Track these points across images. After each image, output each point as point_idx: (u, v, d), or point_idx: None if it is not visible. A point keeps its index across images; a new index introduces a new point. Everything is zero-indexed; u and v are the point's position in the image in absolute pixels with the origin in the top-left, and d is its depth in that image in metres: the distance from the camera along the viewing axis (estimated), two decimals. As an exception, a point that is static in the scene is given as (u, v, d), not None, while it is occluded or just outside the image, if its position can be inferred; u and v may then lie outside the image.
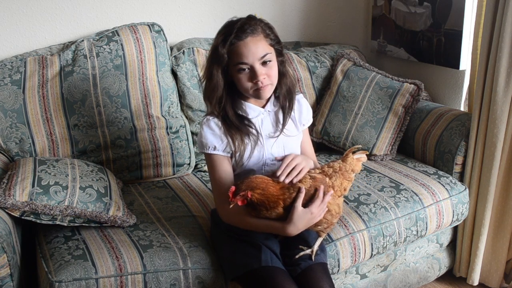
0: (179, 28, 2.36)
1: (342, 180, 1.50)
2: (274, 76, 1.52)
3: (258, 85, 1.49)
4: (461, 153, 2.04)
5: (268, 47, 1.50)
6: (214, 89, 1.51)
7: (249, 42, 1.46)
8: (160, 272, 1.50)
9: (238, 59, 1.47)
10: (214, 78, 1.50)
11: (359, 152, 1.60)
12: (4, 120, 1.90)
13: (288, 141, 1.62)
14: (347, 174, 1.52)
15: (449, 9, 2.25)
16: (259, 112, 1.59)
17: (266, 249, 1.48)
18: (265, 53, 1.47)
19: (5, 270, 1.41)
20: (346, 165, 1.53)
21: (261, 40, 1.48)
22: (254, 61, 1.46)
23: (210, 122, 1.55)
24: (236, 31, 1.45)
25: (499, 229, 2.05)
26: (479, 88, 1.98)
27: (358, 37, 2.80)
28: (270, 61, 1.49)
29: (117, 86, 2.03)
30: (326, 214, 1.47)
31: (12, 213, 1.53)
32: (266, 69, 1.49)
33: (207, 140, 1.54)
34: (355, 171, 1.56)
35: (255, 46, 1.46)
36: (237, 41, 1.45)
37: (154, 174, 2.08)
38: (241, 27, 1.46)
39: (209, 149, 1.54)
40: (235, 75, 1.50)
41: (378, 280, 1.94)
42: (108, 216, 1.62)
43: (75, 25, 2.16)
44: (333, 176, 1.49)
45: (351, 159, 1.55)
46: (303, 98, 1.71)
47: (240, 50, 1.46)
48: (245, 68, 1.48)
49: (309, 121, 1.71)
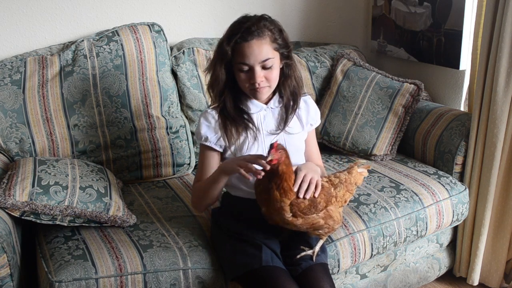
0: (179, 28, 2.36)
1: (345, 191, 1.53)
2: (273, 79, 1.55)
3: (255, 86, 1.52)
4: (461, 153, 2.04)
5: (272, 51, 1.51)
6: (215, 82, 1.56)
7: (253, 44, 1.48)
8: (160, 272, 1.50)
9: (240, 59, 1.50)
10: (216, 71, 1.55)
11: (363, 166, 1.64)
12: (4, 120, 1.90)
13: (291, 139, 1.63)
14: (350, 186, 1.55)
15: (449, 9, 2.25)
16: (260, 108, 1.61)
17: (266, 249, 1.48)
18: (267, 58, 1.50)
19: (5, 270, 1.40)
20: (351, 177, 1.56)
21: (266, 44, 1.50)
22: (254, 63, 1.50)
23: (207, 114, 1.61)
24: (242, 31, 1.48)
25: (499, 229, 2.05)
26: (479, 88, 1.98)
27: (358, 37, 2.80)
28: (271, 65, 1.51)
29: (117, 86, 2.03)
30: (328, 220, 1.48)
31: (12, 213, 1.52)
32: (266, 72, 1.52)
33: (200, 131, 1.61)
34: (357, 184, 1.59)
35: (259, 49, 1.49)
36: (242, 41, 1.49)
37: (154, 174, 2.08)
38: (249, 28, 1.48)
39: (201, 139, 1.61)
40: (236, 72, 1.54)
41: (378, 280, 1.94)
42: (108, 216, 1.62)
43: (75, 25, 2.16)
44: (338, 186, 1.52)
45: (356, 172, 1.59)
46: (310, 99, 1.72)
47: (243, 50, 1.49)
48: (245, 68, 1.51)
49: (317, 121, 1.73)
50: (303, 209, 1.42)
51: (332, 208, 1.49)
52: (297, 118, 1.66)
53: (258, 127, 1.60)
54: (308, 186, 1.44)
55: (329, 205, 1.47)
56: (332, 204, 1.49)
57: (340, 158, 2.22)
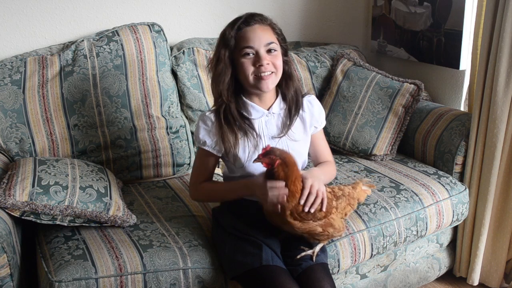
0: (179, 28, 2.36)
1: (346, 204, 1.54)
2: (278, 66, 1.54)
3: (261, 70, 1.49)
4: (461, 153, 2.04)
5: (275, 38, 1.54)
6: (221, 73, 1.52)
7: (257, 28, 1.51)
8: (160, 272, 1.50)
9: (244, 43, 1.50)
10: (221, 61, 1.52)
11: (367, 184, 1.66)
12: (4, 120, 1.90)
13: (294, 145, 1.61)
14: (352, 201, 1.56)
15: (449, 9, 2.25)
16: (262, 113, 1.59)
17: (267, 248, 1.48)
18: (271, 41, 1.51)
19: (5, 270, 1.41)
20: (354, 192, 1.57)
21: (269, 30, 1.53)
22: (260, 47, 1.50)
23: (205, 117, 1.59)
24: (245, 17, 1.52)
25: (499, 229, 2.05)
26: (479, 88, 1.98)
27: (358, 37, 2.80)
28: (275, 50, 1.53)
29: (117, 86, 2.03)
30: (328, 228, 1.48)
31: (12, 213, 1.52)
32: (271, 57, 1.52)
33: (198, 134, 1.60)
34: (359, 201, 1.60)
35: (263, 32, 1.51)
36: (245, 26, 1.50)
37: (154, 174, 2.08)
38: (251, 15, 1.52)
39: (199, 143, 1.60)
40: (239, 60, 1.51)
41: (378, 280, 1.94)
42: (108, 216, 1.62)
43: (75, 25, 2.16)
44: (340, 198, 1.52)
45: (360, 189, 1.60)
46: (315, 100, 1.71)
47: (247, 35, 1.50)
48: (249, 53, 1.51)
49: (322, 123, 1.71)
50: (300, 213, 1.43)
51: (334, 217, 1.49)
52: (301, 121, 1.64)
53: (259, 134, 1.58)
54: (315, 200, 1.43)
55: (328, 215, 1.48)
56: (333, 214, 1.49)
57: (340, 158, 2.22)
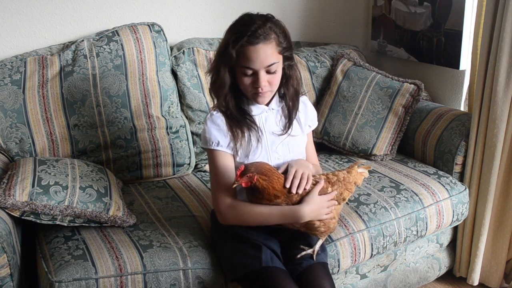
0: (179, 28, 2.36)
1: (343, 190, 1.53)
2: (275, 84, 1.53)
3: (258, 90, 1.50)
4: (461, 153, 2.04)
5: (277, 55, 1.49)
6: (221, 86, 1.52)
7: (260, 48, 1.45)
8: (160, 272, 1.50)
9: (245, 63, 1.47)
10: (221, 75, 1.51)
11: (363, 166, 1.65)
12: (4, 120, 1.90)
13: (293, 141, 1.63)
14: (349, 185, 1.55)
15: (449, 9, 2.25)
16: (262, 110, 1.60)
17: (266, 249, 1.48)
18: (272, 63, 1.47)
19: (5, 270, 1.41)
20: (350, 176, 1.56)
21: (272, 48, 1.47)
22: (260, 68, 1.47)
23: (214, 117, 1.55)
24: (249, 35, 1.44)
25: (499, 229, 2.05)
26: (479, 88, 1.98)
27: (358, 37, 2.80)
28: (275, 71, 1.50)
29: (117, 86, 2.03)
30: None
31: (12, 213, 1.52)
32: (269, 77, 1.50)
33: (210, 135, 1.53)
34: (357, 184, 1.60)
35: (265, 53, 1.45)
36: (248, 45, 1.45)
37: (154, 174, 2.08)
38: (255, 32, 1.44)
39: (212, 144, 1.53)
40: (239, 75, 1.51)
41: (378, 280, 1.94)
42: (108, 216, 1.62)
43: (75, 25, 2.16)
44: (335, 185, 1.52)
45: (356, 172, 1.59)
46: (307, 100, 1.72)
47: (249, 54, 1.45)
48: (249, 72, 1.49)
49: (315, 123, 1.73)
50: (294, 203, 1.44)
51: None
52: (296, 121, 1.65)
53: (261, 129, 1.59)
54: (300, 181, 1.45)
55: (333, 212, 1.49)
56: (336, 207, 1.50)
57: (340, 158, 2.22)
